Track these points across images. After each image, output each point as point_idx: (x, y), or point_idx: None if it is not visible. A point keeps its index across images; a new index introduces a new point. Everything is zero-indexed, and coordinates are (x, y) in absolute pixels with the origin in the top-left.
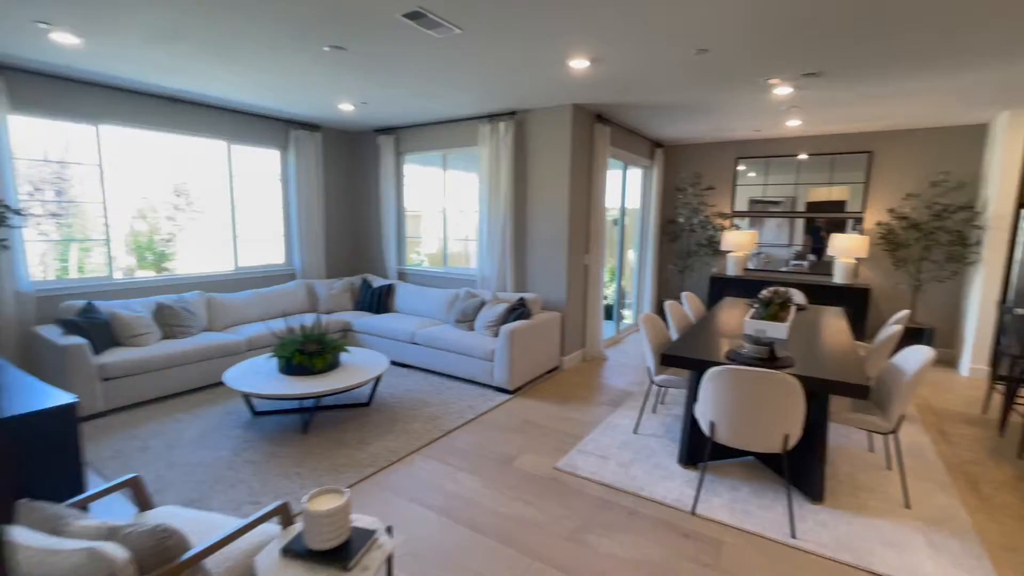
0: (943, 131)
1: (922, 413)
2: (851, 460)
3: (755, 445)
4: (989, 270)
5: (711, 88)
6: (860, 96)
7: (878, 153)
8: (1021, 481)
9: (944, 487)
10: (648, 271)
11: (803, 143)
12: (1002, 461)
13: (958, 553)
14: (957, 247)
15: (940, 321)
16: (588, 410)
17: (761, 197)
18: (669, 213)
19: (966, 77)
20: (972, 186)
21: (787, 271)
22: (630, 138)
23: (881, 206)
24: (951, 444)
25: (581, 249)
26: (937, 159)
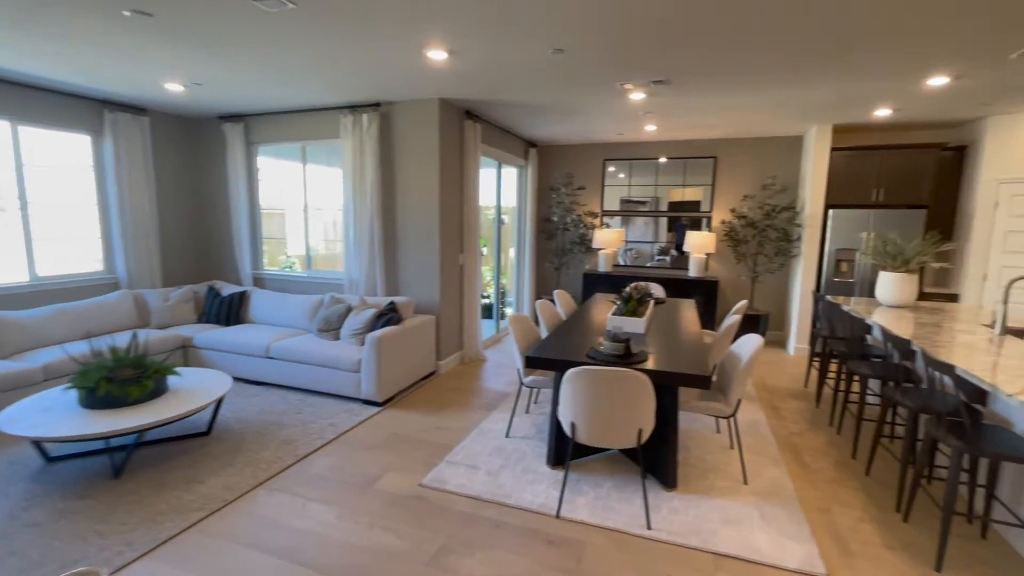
0: (771, 140)
1: (759, 391)
2: (701, 443)
3: (612, 442)
4: (807, 262)
5: (572, 90)
6: (703, 106)
7: (721, 158)
8: (832, 446)
9: (775, 460)
10: (527, 269)
11: (661, 147)
12: (818, 430)
13: (784, 522)
14: (783, 242)
15: (773, 307)
16: (462, 416)
17: (629, 197)
18: (544, 212)
19: (783, 94)
20: (793, 189)
21: (652, 266)
22: (503, 137)
23: (725, 206)
24: (781, 418)
25: (456, 248)
26: (767, 165)
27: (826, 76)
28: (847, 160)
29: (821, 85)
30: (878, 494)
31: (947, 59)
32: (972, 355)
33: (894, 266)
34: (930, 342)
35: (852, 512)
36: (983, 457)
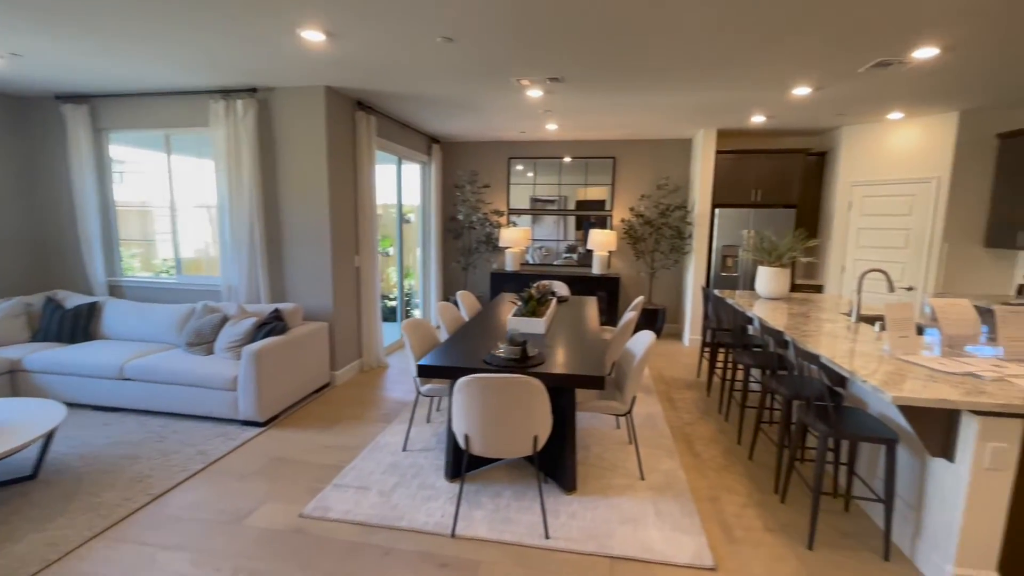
0: (665, 142)
1: (657, 383)
2: (601, 440)
3: (508, 452)
4: (698, 258)
5: (467, 83)
6: (599, 106)
7: (620, 159)
8: (721, 434)
9: (670, 452)
10: (433, 269)
11: (564, 147)
12: (709, 418)
13: (677, 515)
14: (677, 240)
15: (670, 301)
16: (357, 431)
17: (538, 196)
18: (450, 210)
19: (672, 98)
20: (685, 189)
21: (559, 264)
22: (403, 131)
23: (624, 205)
24: (676, 409)
25: (351, 249)
26: (661, 166)
27: (708, 83)
28: (730, 163)
29: (705, 91)
30: (760, 478)
31: (807, 72)
32: (834, 343)
33: (769, 261)
34: (799, 332)
35: (737, 498)
36: (844, 439)
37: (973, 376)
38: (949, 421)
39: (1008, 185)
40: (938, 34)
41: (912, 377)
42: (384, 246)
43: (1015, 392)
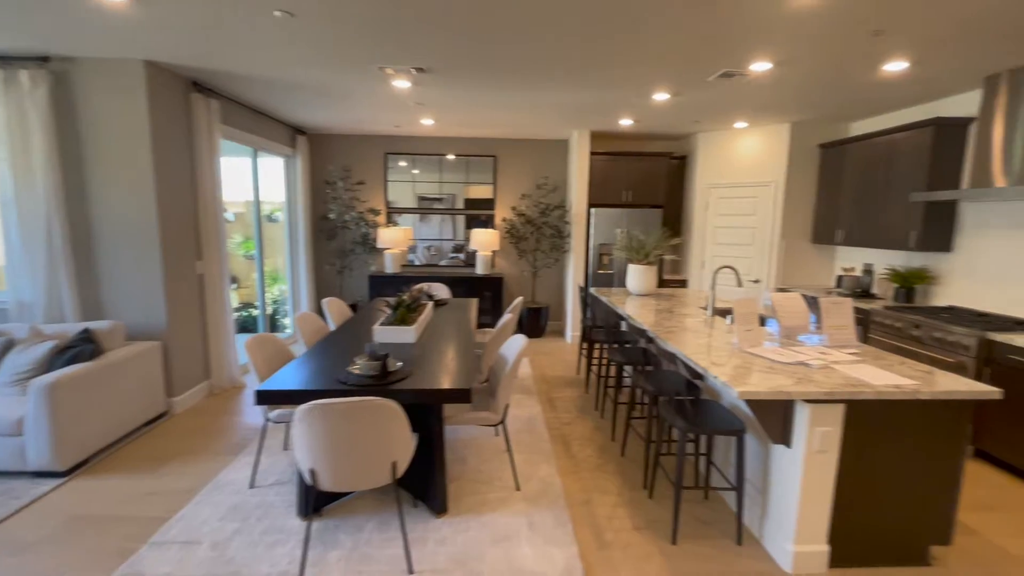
0: (543, 143)
1: (538, 384)
2: (479, 450)
3: (363, 483)
4: (576, 257)
5: (325, 68)
6: (473, 101)
7: (501, 157)
8: (597, 431)
9: (547, 456)
10: (303, 273)
11: (444, 143)
12: (586, 416)
13: (550, 525)
14: (556, 239)
15: (552, 300)
16: (194, 469)
17: (427, 194)
18: (321, 209)
19: (545, 97)
20: (563, 189)
21: (445, 265)
22: (258, 120)
23: (507, 204)
24: (555, 409)
25: (191, 254)
26: (541, 166)
27: (576, 84)
28: (603, 164)
29: (573, 91)
30: (631, 474)
31: (665, 78)
32: (691, 338)
33: (638, 259)
34: (662, 328)
35: (609, 498)
36: (702, 434)
37: (804, 365)
38: (786, 410)
39: (827, 189)
40: (770, 50)
41: (756, 370)
42: (247, 248)
43: (837, 379)
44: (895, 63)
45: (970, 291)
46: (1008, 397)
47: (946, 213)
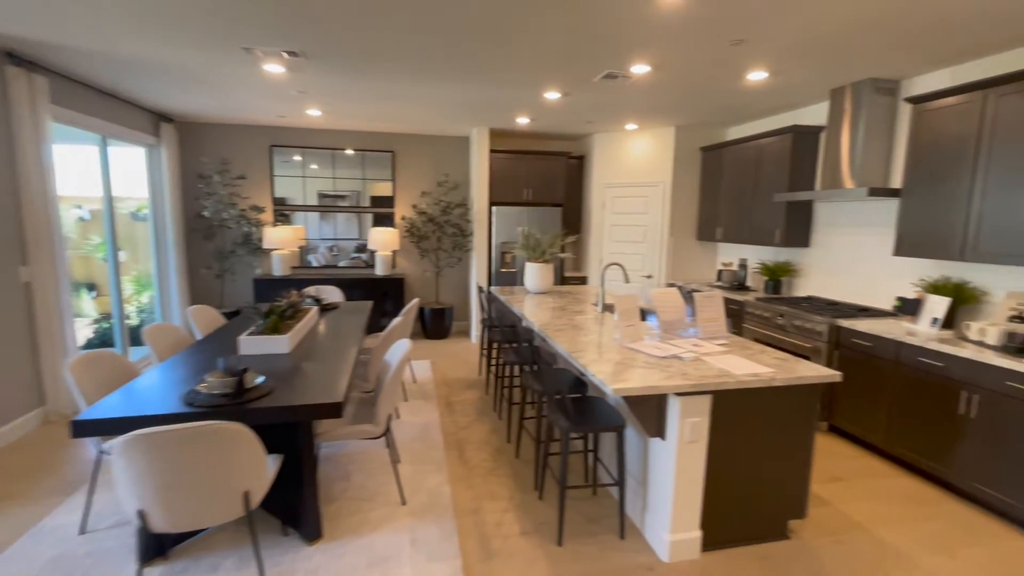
0: (443, 139)
1: (439, 387)
2: (367, 464)
3: (208, 519)
4: (479, 255)
5: (176, 44)
6: (363, 94)
7: (400, 153)
8: (493, 433)
9: (439, 465)
10: (174, 278)
11: (337, 137)
12: (484, 418)
13: (435, 540)
14: (459, 237)
15: (457, 299)
16: (10, 518)
17: (328, 190)
18: (195, 206)
19: (440, 92)
20: (464, 187)
21: (346, 266)
22: (106, 102)
23: (407, 202)
24: (453, 414)
25: (14, 259)
26: (441, 163)
27: (469, 80)
28: (504, 162)
29: (468, 87)
30: (524, 476)
31: (553, 77)
32: (578, 336)
33: (534, 257)
34: (553, 326)
35: (499, 503)
36: (585, 433)
37: (678, 358)
38: (660, 403)
39: (708, 189)
40: (646, 54)
41: (633, 365)
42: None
43: (705, 370)
44: (756, 73)
45: (825, 282)
46: (853, 376)
47: (804, 212)
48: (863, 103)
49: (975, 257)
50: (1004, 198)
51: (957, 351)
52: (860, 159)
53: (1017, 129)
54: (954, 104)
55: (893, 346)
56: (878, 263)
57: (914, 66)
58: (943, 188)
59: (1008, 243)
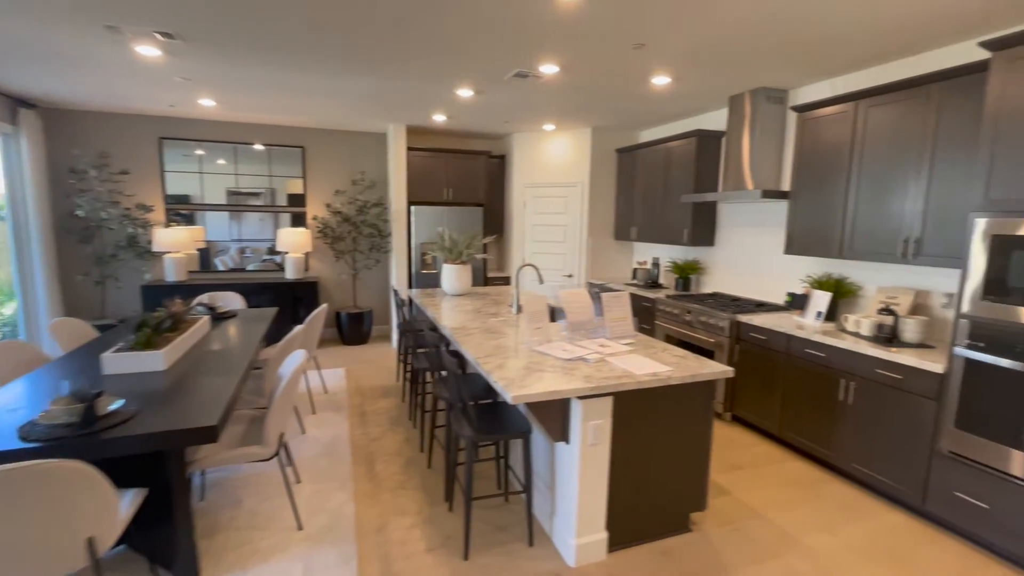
0: (359, 135)
1: (352, 396)
2: (262, 488)
3: (39, 573)
4: (398, 257)
5: (23, 15)
6: (261, 83)
7: (311, 149)
8: (407, 444)
9: (344, 482)
10: (41, 286)
11: (240, 130)
12: (399, 428)
13: (332, 565)
14: (377, 238)
15: (377, 303)
16: None
17: (240, 188)
18: (67, 204)
19: (346, 85)
20: (382, 185)
21: (254, 269)
22: None
23: (320, 201)
24: (366, 424)
25: None
26: (357, 160)
27: (376, 72)
28: (423, 160)
29: (377, 80)
30: (435, 488)
31: (464, 74)
32: (488, 338)
33: (451, 258)
34: (462, 329)
35: (406, 519)
36: (487, 443)
37: (583, 360)
38: (563, 408)
39: (624, 190)
40: (552, 54)
41: (539, 369)
42: None
43: (608, 372)
44: (660, 77)
45: (729, 279)
46: (751, 368)
47: (709, 213)
48: (757, 110)
49: (851, 255)
50: (872, 201)
51: (836, 342)
52: (756, 163)
53: (882, 137)
54: (832, 113)
55: (784, 339)
56: (773, 261)
57: (799, 77)
58: (824, 191)
59: (876, 242)
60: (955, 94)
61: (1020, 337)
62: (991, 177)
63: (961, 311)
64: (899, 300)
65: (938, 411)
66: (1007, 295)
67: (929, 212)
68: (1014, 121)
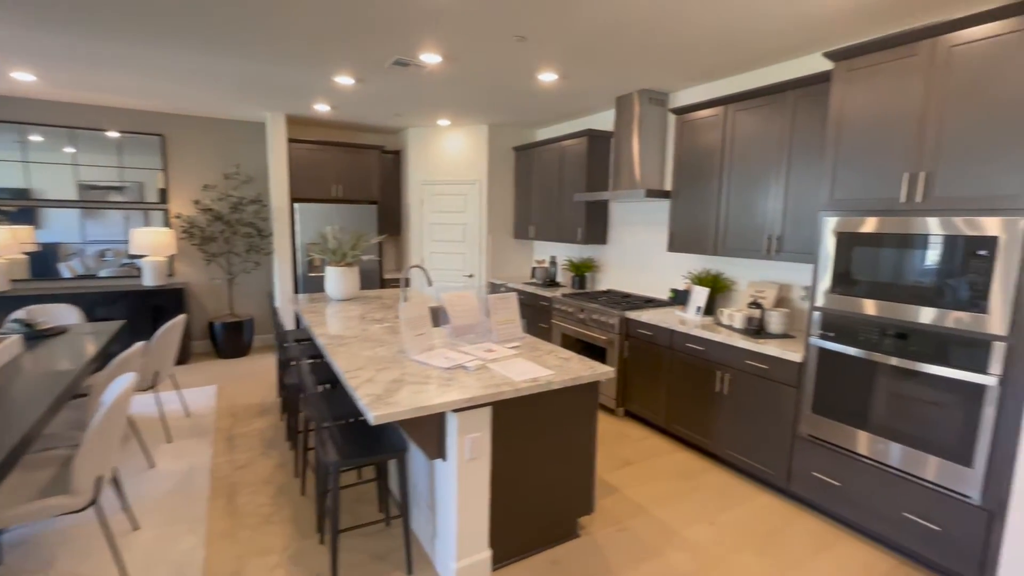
0: (232, 124)
1: (222, 418)
2: (81, 543)
3: None
4: (281, 259)
5: None
6: (101, 56)
7: (172, 138)
8: (280, 468)
9: (196, 523)
10: None
11: (82, 112)
12: (273, 450)
13: None
14: (256, 238)
15: (260, 310)
16: None
17: (91, 180)
18: None
19: (215, 67)
20: (260, 180)
21: (108, 276)
22: None
23: (186, 197)
24: (233, 450)
25: None
26: (230, 152)
27: (234, 52)
28: (307, 154)
29: (237, 62)
30: (306, 518)
31: (340, 60)
32: (364, 349)
33: (335, 260)
34: (339, 339)
35: (270, 559)
36: (349, 467)
37: (463, 368)
38: (439, 422)
39: (521, 188)
40: (433, 41)
41: (413, 382)
42: None
43: (487, 380)
44: (547, 74)
45: (621, 276)
46: (640, 363)
47: (602, 211)
48: (642, 111)
49: (724, 252)
50: (741, 200)
51: (712, 336)
52: (641, 163)
53: (748, 141)
54: (706, 116)
55: (668, 334)
56: (660, 258)
57: (678, 80)
58: (700, 191)
59: (745, 239)
60: (808, 101)
61: (863, 327)
62: (835, 179)
63: (814, 304)
64: (766, 294)
65: (798, 398)
66: (851, 288)
67: (788, 211)
68: (853, 128)
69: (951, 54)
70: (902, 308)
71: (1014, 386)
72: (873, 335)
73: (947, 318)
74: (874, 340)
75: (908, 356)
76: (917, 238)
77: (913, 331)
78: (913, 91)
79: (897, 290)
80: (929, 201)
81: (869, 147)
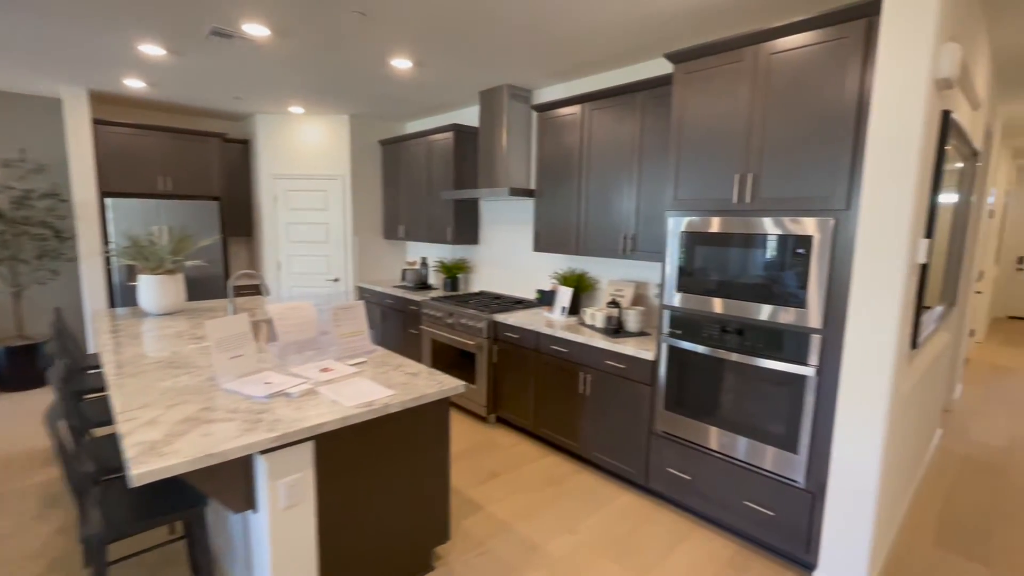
0: (15, 98)
1: None
2: None
3: None
4: (89, 265)
5: None
6: None
7: None
8: (60, 535)
9: None
10: None
11: None
12: (56, 510)
13: None
14: (52, 242)
15: None
16: None
17: None
18: None
19: None
20: (57, 169)
21: None
22: None
23: None
24: None
25: None
26: (10, 133)
27: None
28: (122, 139)
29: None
30: None
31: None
32: (161, 379)
33: (150, 267)
34: (133, 365)
35: None
36: (136, 532)
37: (285, 395)
38: (244, 468)
39: (389, 185)
40: (257, 10)
41: (209, 420)
42: None
43: (311, 409)
44: (400, 60)
45: (493, 277)
46: (509, 368)
47: (472, 210)
48: (506, 107)
49: (585, 251)
50: (599, 199)
51: (574, 336)
52: (507, 160)
53: (604, 140)
54: (565, 114)
55: (533, 336)
56: (528, 258)
57: (540, 77)
58: (562, 190)
59: (604, 239)
60: (655, 103)
61: (707, 324)
62: (678, 179)
63: (664, 302)
64: (624, 292)
65: (652, 395)
66: (696, 286)
67: (640, 211)
68: (692, 129)
69: (771, 61)
70: (739, 305)
71: (828, 376)
72: (716, 332)
73: (776, 314)
74: (716, 337)
75: (745, 351)
76: (749, 237)
77: (749, 327)
78: (741, 95)
79: (734, 288)
80: (757, 202)
81: (706, 149)
